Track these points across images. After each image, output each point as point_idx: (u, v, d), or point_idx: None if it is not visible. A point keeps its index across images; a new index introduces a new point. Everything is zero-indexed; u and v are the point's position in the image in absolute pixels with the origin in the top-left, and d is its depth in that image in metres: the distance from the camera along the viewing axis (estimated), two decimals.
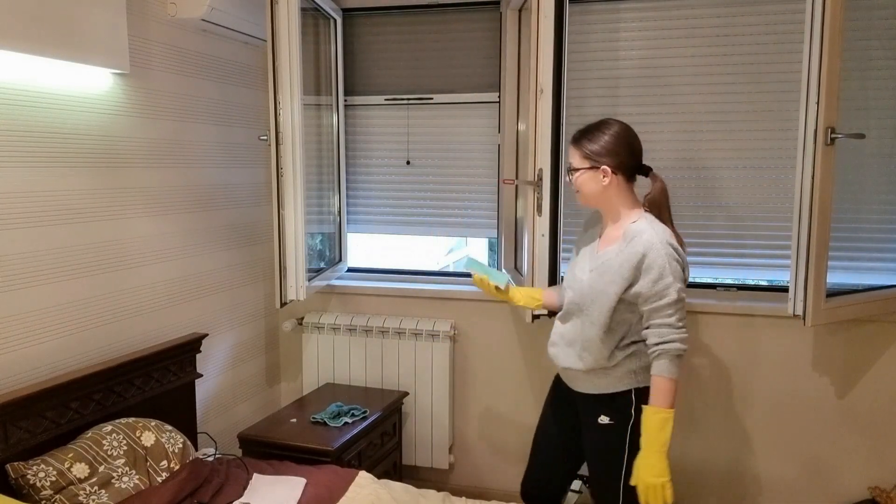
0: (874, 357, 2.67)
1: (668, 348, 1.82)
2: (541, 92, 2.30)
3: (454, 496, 2.25)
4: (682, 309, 1.84)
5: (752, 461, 2.83)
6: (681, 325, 1.83)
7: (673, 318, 1.82)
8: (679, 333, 1.82)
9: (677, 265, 1.84)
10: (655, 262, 1.82)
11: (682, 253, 1.88)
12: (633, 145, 1.96)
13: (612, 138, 1.93)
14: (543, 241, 2.38)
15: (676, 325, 1.82)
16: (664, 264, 1.81)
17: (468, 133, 3.15)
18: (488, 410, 3.13)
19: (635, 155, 1.96)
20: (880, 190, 2.63)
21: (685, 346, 1.83)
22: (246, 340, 3.16)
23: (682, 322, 1.83)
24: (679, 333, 1.82)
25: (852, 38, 2.53)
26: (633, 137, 1.96)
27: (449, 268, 7.12)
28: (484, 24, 3.08)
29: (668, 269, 1.81)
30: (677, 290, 1.81)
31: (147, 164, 2.51)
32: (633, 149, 1.96)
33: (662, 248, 1.83)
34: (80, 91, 2.22)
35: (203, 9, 2.57)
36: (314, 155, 3.06)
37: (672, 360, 1.82)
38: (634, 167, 1.97)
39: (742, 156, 2.78)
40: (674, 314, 1.82)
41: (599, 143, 1.93)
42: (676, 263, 1.84)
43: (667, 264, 1.81)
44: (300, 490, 2.18)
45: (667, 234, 1.87)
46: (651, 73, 2.84)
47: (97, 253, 2.30)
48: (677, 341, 1.82)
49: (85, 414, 2.12)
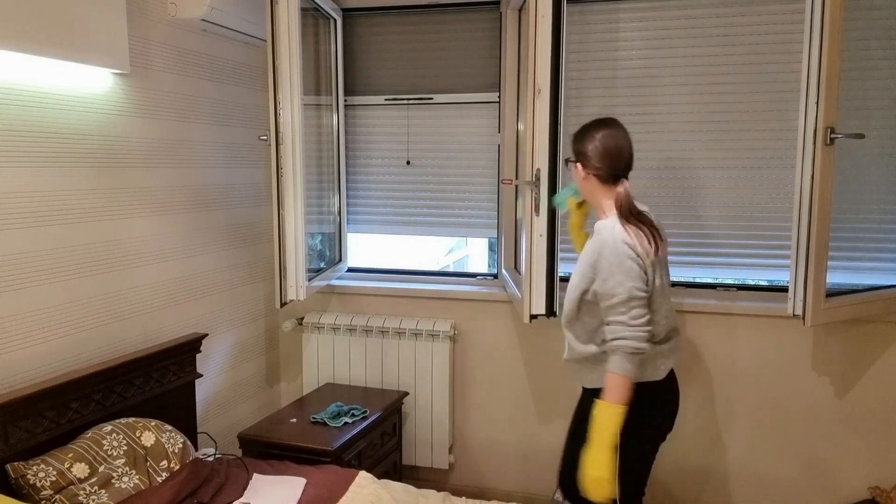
0: (874, 357, 2.67)
1: (619, 345, 1.84)
2: (538, 92, 2.30)
3: (454, 496, 2.25)
4: (639, 307, 1.85)
5: (752, 461, 2.82)
6: (635, 322, 1.84)
7: (625, 316, 1.84)
8: (632, 331, 1.84)
9: (631, 263, 1.85)
10: (605, 261, 1.87)
11: (639, 252, 1.87)
12: (610, 153, 1.95)
13: (589, 142, 1.98)
14: (541, 240, 2.38)
15: (630, 322, 1.84)
16: (613, 263, 1.85)
17: (468, 133, 3.15)
18: (488, 410, 3.14)
19: (609, 162, 1.96)
20: (880, 190, 2.63)
21: (640, 345, 1.84)
22: (246, 340, 3.16)
23: (637, 320, 1.84)
24: (632, 331, 1.84)
25: (852, 38, 2.53)
26: (612, 145, 1.96)
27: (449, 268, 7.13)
28: (484, 24, 3.08)
29: (616, 268, 1.85)
30: (628, 288, 1.83)
31: (147, 164, 2.52)
32: (608, 156, 1.96)
33: (614, 246, 1.87)
34: (80, 91, 2.22)
35: (203, 9, 2.57)
36: (314, 155, 3.06)
37: (624, 357, 1.84)
38: (607, 173, 1.97)
39: (742, 156, 2.78)
40: (626, 312, 1.84)
41: (579, 142, 2.02)
42: (630, 261, 1.85)
43: (616, 264, 1.85)
44: (300, 490, 2.18)
45: (624, 234, 1.88)
46: (650, 73, 2.84)
47: (97, 253, 2.31)
48: (630, 339, 1.83)
49: (85, 414, 2.12)
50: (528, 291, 2.43)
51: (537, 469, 3.09)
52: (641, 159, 2.86)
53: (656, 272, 1.93)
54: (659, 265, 1.96)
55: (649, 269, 1.89)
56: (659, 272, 1.96)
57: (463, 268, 7.31)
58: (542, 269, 2.41)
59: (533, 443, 3.08)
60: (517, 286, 2.76)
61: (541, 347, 3.02)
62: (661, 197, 2.86)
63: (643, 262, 1.87)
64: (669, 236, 2.83)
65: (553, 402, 3.03)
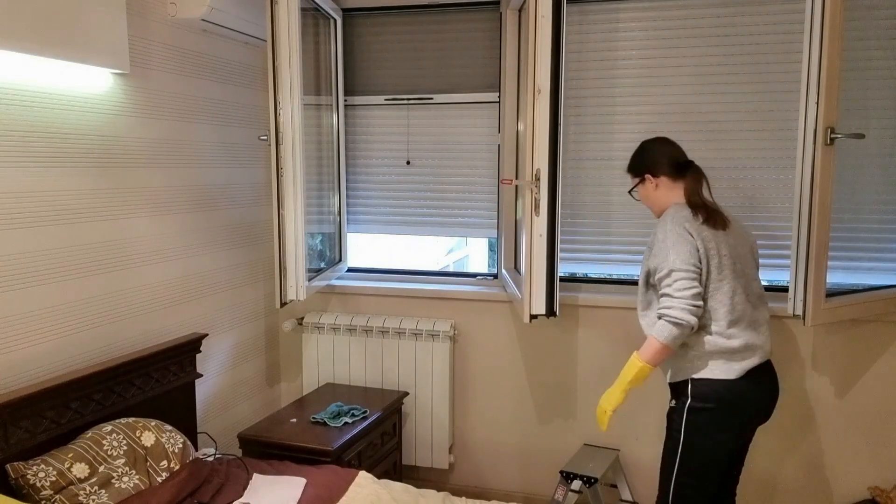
0: (874, 357, 2.67)
1: (663, 313, 1.95)
2: (538, 92, 2.30)
3: (454, 496, 2.25)
4: (685, 279, 1.92)
5: (752, 461, 2.82)
6: (680, 294, 1.92)
7: (670, 288, 1.94)
8: (676, 301, 1.92)
9: (682, 240, 1.95)
10: (660, 239, 2.01)
11: (690, 229, 1.97)
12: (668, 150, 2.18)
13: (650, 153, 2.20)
14: (541, 241, 2.38)
15: (674, 294, 1.93)
16: (663, 239, 1.99)
17: (468, 133, 3.15)
18: (488, 410, 3.14)
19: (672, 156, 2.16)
20: (880, 190, 2.63)
21: (683, 316, 1.91)
22: (246, 340, 3.16)
23: (682, 292, 1.92)
24: (676, 301, 1.92)
25: (852, 38, 2.53)
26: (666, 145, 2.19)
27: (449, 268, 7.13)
28: (484, 24, 3.08)
29: (666, 243, 1.97)
30: (672, 261, 1.94)
31: (147, 164, 2.52)
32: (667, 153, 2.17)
33: (669, 227, 2.00)
34: (80, 91, 2.22)
35: (203, 9, 2.57)
36: (314, 155, 3.06)
37: (666, 324, 1.93)
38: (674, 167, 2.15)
39: (742, 156, 2.78)
40: (671, 284, 1.94)
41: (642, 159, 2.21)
42: (681, 238, 1.96)
43: (664, 240, 1.98)
44: (300, 490, 2.18)
45: (681, 216, 2.01)
46: (649, 73, 2.84)
47: (97, 253, 2.31)
48: (674, 307, 1.92)
49: (85, 414, 2.12)
50: (528, 291, 2.43)
51: (537, 469, 3.09)
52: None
53: (722, 251, 1.98)
54: (729, 248, 2.00)
55: (702, 245, 1.96)
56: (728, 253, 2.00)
57: (463, 268, 7.31)
58: (542, 269, 2.41)
59: (533, 443, 3.08)
60: (517, 286, 2.76)
61: (541, 347, 3.02)
62: None
63: (694, 239, 1.96)
64: None
65: (553, 402, 3.03)
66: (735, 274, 2.00)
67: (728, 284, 1.98)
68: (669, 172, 2.14)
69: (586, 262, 3.02)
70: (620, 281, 2.99)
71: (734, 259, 2.02)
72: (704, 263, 1.96)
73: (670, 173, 2.14)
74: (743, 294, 2.01)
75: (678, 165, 2.14)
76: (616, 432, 2.95)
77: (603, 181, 2.94)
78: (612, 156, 2.92)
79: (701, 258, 1.95)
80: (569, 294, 2.94)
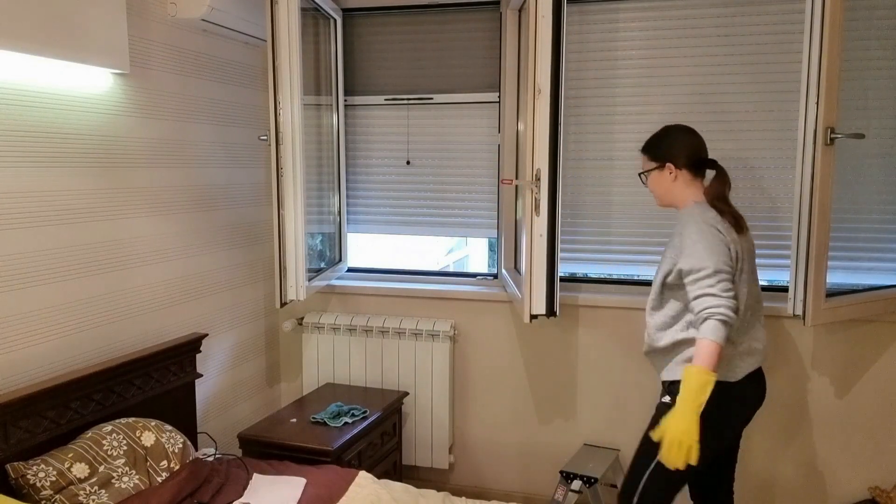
0: (874, 357, 2.67)
1: (711, 312, 1.81)
2: (538, 92, 2.30)
3: (454, 496, 2.25)
4: (727, 281, 1.84)
5: (752, 461, 2.82)
6: (725, 294, 1.82)
7: (714, 288, 1.83)
8: (723, 300, 1.81)
9: (716, 239, 1.88)
10: (689, 239, 1.91)
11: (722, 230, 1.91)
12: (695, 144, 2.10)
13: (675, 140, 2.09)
14: (541, 241, 2.38)
15: (720, 294, 1.82)
16: (696, 240, 1.89)
17: (468, 133, 3.15)
18: (488, 410, 3.14)
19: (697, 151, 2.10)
20: (880, 190, 2.63)
21: (731, 314, 1.80)
22: (246, 340, 3.16)
23: (726, 292, 1.83)
24: (723, 300, 1.81)
25: (852, 38, 2.53)
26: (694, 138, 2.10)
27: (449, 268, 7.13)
28: (484, 24, 3.08)
29: (700, 243, 1.88)
30: (715, 262, 1.84)
31: (147, 164, 2.52)
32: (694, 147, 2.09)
33: (697, 225, 1.92)
34: (80, 91, 2.22)
35: (203, 9, 2.57)
36: (314, 155, 3.06)
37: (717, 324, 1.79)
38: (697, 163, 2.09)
39: (742, 156, 2.78)
40: (714, 284, 1.83)
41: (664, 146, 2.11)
42: (714, 238, 1.89)
43: (699, 240, 1.89)
44: (300, 490, 2.18)
45: (707, 215, 1.95)
46: (650, 74, 2.84)
47: (97, 253, 2.31)
48: (722, 306, 1.80)
49: (85, 414, 2.12)
50: (528, 291, 2.43)
51: (537, 469, 3.09)
52: None
53: (742, 255, 1.96)
54: (745, 255, 1.98)
55: (731, 245, 1.92)
56: (746, 257, 1.98)
57: (463, 268, 7.31)
58: (542, 269, 2.41)
59: (533, 443, 3.08)
60: (517, 286, 2.76)
61: (541, 347, 3.02)
62: None
63: (725, 239, 1.91)
64: (668, 236, 2.83)
65: (553, 402, 3.03)
66: (749, 278, 2.00)
67: (745, 288, 1.97)
68: (692, 167, 2.08)
69: (586, 262, 3.02)
70: (621, 281, 2.99)
71: (749, 262, 2.02)
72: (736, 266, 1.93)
73: (692, 168, 2.08)
74: (752, 298, 2.01)
75: (701, 161, 2.09)
76: (616, 432, 2.95)
77: (603, 181, 2.94)
78: (612, 156, 2.92)
79: (733, 260, 1.91)
80: (569, 294, 2.95)
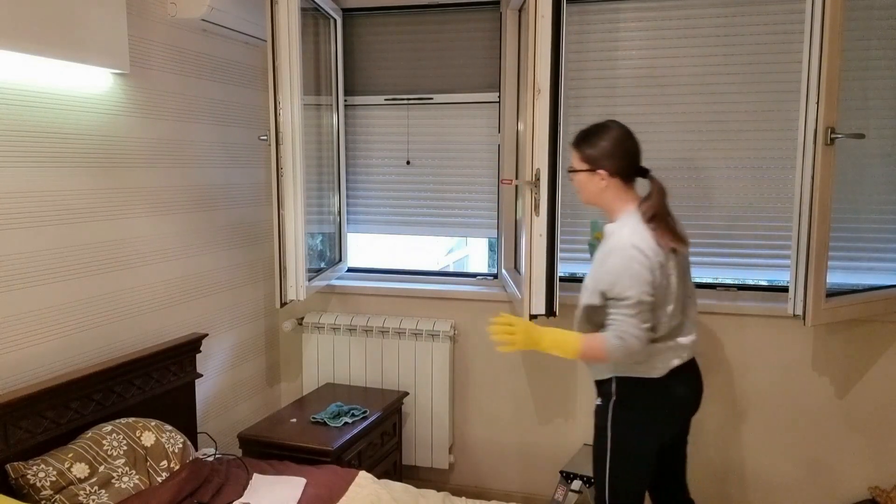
0: (874, 357, 2.67)
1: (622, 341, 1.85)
2: (538, 92, 2.30)
3: (454, 496, 2.25)
4: (646, 312, 1.86)
5: (752, 461, 2.82)
6: (642, 328, 1.85)
7: (634, 319, 1.85)
8: (636, 335, 1.84)
9: (639, 268, 1.84)
10: (613, 266, 1.87)
11: (649, 254, 1.86)
12: (630, 150, 1.97)
13: (609, 143, 1.95)
14: (541, 241, 2.38)
15: (637, 326, 1.85)
16: (620, 267, 1.85)
17: (468, 133, 3.15)
18: (488, 410, 3.14)
19: (631, 160, 1.98)
20: (880, 190, 2.63)
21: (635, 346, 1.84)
22: (246, 340, 3.16)
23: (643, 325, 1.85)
24: (636, 335, 1.84)
25: (852, 38, 2.53)
26: (630, 141, 1.97)
27: (449, 268, 7.13)
28: (484, 24, 3.08)
29: (624, 272, 1.85)
30: (637, 293, 1.83)
31: (147, 164, 2.52)
32: (629, 153, 1.97)
33: (622, 251, 1.87)
34: (80, 91, 2.22)
35: (203, 9, 2.57)
36: (314, 155, 3.06)
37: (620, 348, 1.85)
38: (630, 171, 1.98)
39: (742, 156, 2.78)
40: (635, 315, 1.85)
41: (594, 146, 1.97)
42: (638, 266, 1.84)
43: (623, 268, 1.85)
44: (300, 490, 2.18)
45: (633, 237, 1.88)
46: (650, 74, 2.84)
47: (97, 253, 2.31)
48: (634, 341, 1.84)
49: (85, 414, 2.12)
50: (527, 291, 2.43)
51: (537, 469, 3.09)
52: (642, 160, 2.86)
53: (670, 272, 1.92)
54: (676, 265, 1.95)
55: (658, 270, 1.87)
56: (675, 271, 1.95)
57: (463, 268, 7.31)
58: (542, 269, 2.41)
59: (533, 443, 3.08)
60: (517, 286, 2.76)
61: None
62: None
63: (651, 264, 1.86)
64: None
65: (553, 402, 3.03)
66: (677, 288, 1.95)
67: (671, 303, 1.94)
68: (626, 176, 1.97)
69: (586, 262, 3.02)
70: None
71: (681, 274, 1.97)
72: (660, 293, 1.90)
73: (626, 178, 1.97)
74: (680, 304, 1.98)
75: (636, 171, 1.99)
76: None
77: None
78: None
79: (656, 287, 1.88)
80: (569, 294, 2.94)
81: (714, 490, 2.88)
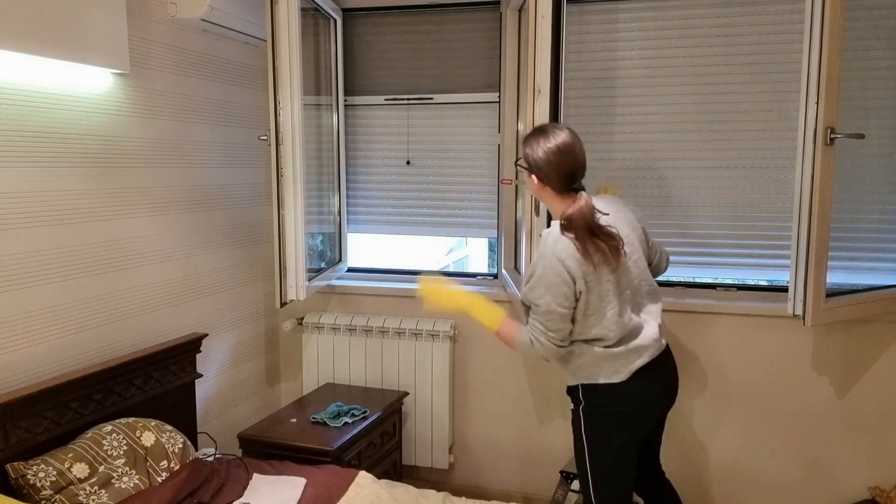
0: (874, 357, 2.67)
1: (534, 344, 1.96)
2: (538, 92, 2.30)
3: (454, 496, 2.25)
4: (558, 321, 1.91)
5: (752, 461, 2.82)
6: (552, 335, 1.92)
7: (542, 326, 1.93)
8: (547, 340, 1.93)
9: (557, 280, 1.87)
10: (536, 272, 1.93)
11: (571, 265, 1.85)
12: (561, 165, 1.90)
13: (543, 154, 1.91)
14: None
15: (547, 333, 1.92)
16: (539, 275, 1.91)
17: (468, 133, 3.15)
18: (488, 410, 3.14)
19: (562, 174, 1.91)
20: (880, 190, 2.63)
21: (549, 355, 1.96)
22: (246, 340, 3.16)
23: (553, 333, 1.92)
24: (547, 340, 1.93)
25: (852, 38, 2.53)
26: (566, 155, 1.90)
27: (449, 268, 7.13)
28: (484, 24, 3.08)
29: (541, 280, 1.90)
30: (547, 302, 1.89)
31: (147, 164, 2.52)
32: (560, 168, 1.91)
33: (546, 261, 1.90)
34: (80, 91, 2.22)
35: (203, 9, 2.57)
36: (314, 155, 3.06)
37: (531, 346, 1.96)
38: (562, 186, 1.94)
39: (742, 156, 2.78)
40: (545, 322, 1.92)
41: (533, 155, 1.94)
42: (557, 277, 1.87)
43: (541, 276, 1.90)
44: (300, 490, 2.18)
45: (559, 250, 1.87)
46: (649, 73, 2.84)
47: (97, 253, 2.31)
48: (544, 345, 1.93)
49: (85, 414, 2.12)
50: None
51: (537, 469, 3.09)
52: (641, 159, 2.87)
53: (601, 284, 1.89)
54: (612, 275, 1.90)
55: (580, 280, 1.86)
56: (613, 282, 1.90)
57: (463, 268, 7.31)
58: None
59: (533, 443, 3.08)
60: (517, 286, 2.76)
61: None
62: (660, 197, 2.86)
63: (572, 275, 1.86)
64: (670, 236, 2.83)
65: (553, 402, 3.03)
66: (620, 293, 1.93)
67: (613, 309, 1.91)
68: (557, 187, 1.94)
69: None
70: None
71: (620, 277, 1.93)
72: (583, 300, 1.89)
73: (558, 188, 1.94)
74: (630, 304, 1.97)
75: (571, 181, 1.93)
76: None
77: (602, 181, 2.93)
78: (611, 156, 2.92)
79: (577, 297, 1.88)
80: None
81: (714, 490, 2.88)
